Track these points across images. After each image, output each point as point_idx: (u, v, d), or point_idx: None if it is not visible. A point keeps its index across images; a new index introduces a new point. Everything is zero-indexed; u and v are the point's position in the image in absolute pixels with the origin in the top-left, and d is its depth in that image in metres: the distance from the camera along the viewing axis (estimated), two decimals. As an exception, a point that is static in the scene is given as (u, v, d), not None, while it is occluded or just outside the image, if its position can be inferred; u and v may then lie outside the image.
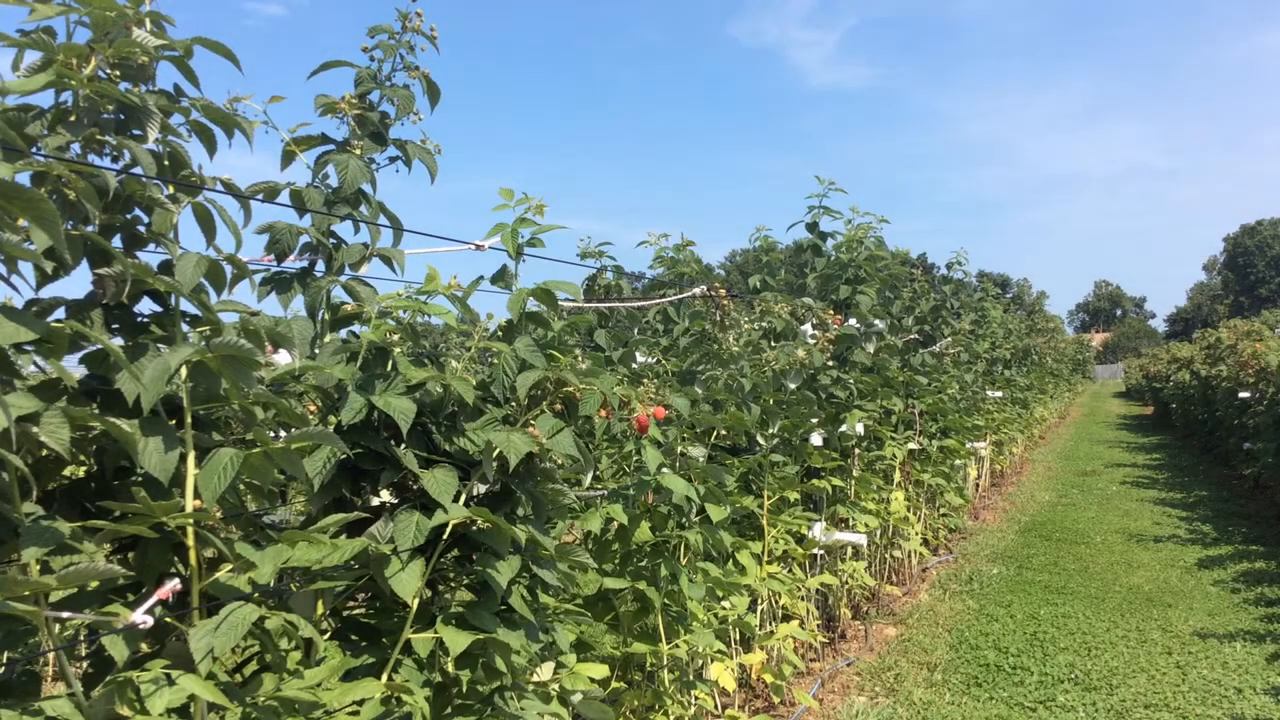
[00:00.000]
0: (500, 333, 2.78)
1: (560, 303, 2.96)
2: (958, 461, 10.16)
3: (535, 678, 2.86)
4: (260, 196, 2.62)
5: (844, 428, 6.18)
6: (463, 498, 2.45)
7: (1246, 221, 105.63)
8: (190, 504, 2.01)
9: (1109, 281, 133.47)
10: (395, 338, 2.49)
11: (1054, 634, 7.17)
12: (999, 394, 13.62)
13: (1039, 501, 13.81)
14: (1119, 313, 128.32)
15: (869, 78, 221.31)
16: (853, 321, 6.59)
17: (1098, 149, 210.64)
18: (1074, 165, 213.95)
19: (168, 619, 2.01)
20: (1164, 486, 15.35)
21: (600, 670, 3.22)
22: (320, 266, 2.71)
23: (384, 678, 2.34)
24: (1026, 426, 18.18)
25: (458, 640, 2.31)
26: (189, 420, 2.03)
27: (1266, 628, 7.21)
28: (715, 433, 4.33)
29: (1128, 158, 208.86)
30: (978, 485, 13.15)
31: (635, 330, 5.43)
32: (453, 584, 2.65)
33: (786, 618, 5.70)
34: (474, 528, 2.42)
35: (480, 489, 2.53)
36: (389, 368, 2.45)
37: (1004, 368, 15.48)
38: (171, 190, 2.18)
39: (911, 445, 8.03)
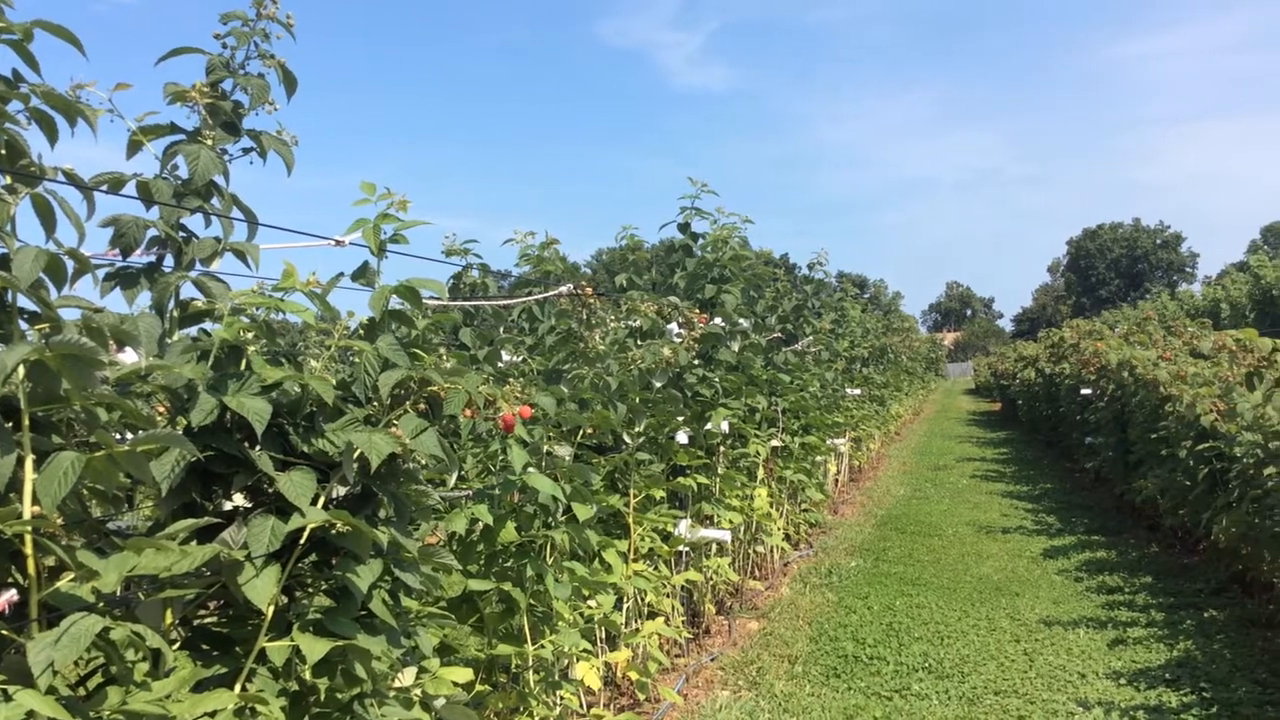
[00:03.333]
0: (362, 331, 2.71)
1: (425, 301, 2.91)
2: (819, 458, 10.38)
3: (397, 683, 2.80)
4: (105, 188, 2.49)
5: (709, 425, 6.25)
6: (321, 500, 2.38)
7: (1089, 225, 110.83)
8: (28, 510, 1.90)
9: (960, 283, 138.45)
10: (250, 335, 2.40)
11: (909, 624, 7.39)
12: (858, 391, 13.97)
13: (895, 496, 14.23)
14: (969, 313, 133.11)
15: (733, 80, 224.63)
16: (718, 320, 6.66)
17: (951, 154, 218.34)
18: (929, 169, 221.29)
19: (4, 631, 1.90)
20: (1011, 480, 15.99)
21: (464, 674, 3.17)
22: (169, 261, 2.60)
23: (237, 688, 2.26)
24: (883, 423, 18.70)
25: (315, 647, 2.24)
26: (26, 422, 1.92)
27: (1107, 614, 7.57)
28: (582, 431, 4.32)
29: (979, 163, 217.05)
30: (837, 481, 13.47)
31: (501, 329, 5.38)
32: (311, 590, 2.57)
33: (652, 615, 5.73)
34: (333, 531, 2.36)
35: (340, 491, 2.46)
36: (243, 367, 2.36)
37: (862, 366, 15.89)
38: (9, 180, 2.06)
39: (775, 442, 8.16)
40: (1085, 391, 13.35)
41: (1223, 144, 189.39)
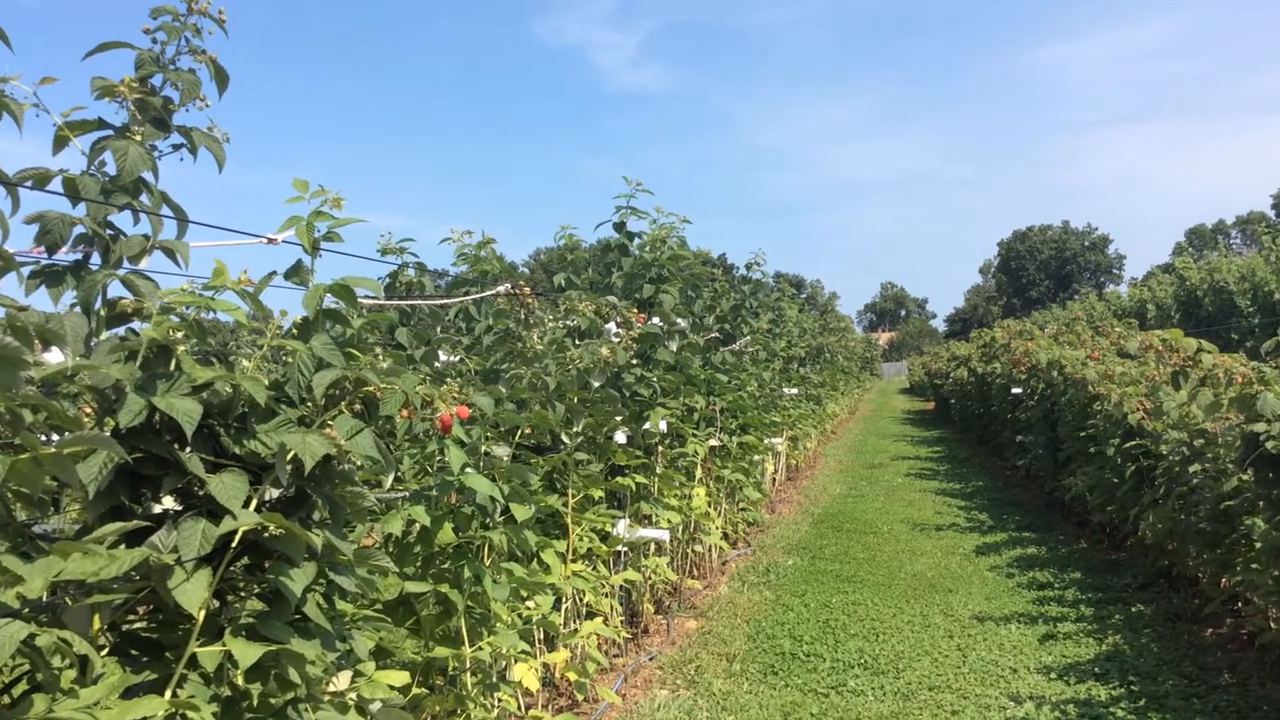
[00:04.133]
0: (296, 330, 2.67)
1: (360, 300, 2.87)
2: (756, 457, 10.45)
3: (332, 687, 2.77)
4: (30, 184, 2.43)
5: (648, 425, 6.26)
6: (254, 503, 2.34)
7: (1019, 227, 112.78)
8: (-54, 516, 1.85)
9: (894, 283, 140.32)
10: (179, 335, 2.36)
11: (845, 621, 7.46)
12: (795, 391, 14.09)
13: (831, 494, 14.37)
14: (904, 313, 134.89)
15: (670, 81, 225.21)
16: (656, 320, 6.67)
17: (886, 156, 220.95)
18: (864, 171, 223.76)
19: (-79, 641, 1.84)
20: (944, 478, 16.23)
21: (400, 677, 3.15)
22: (96, 259, 2.54)
23: (168, 694, 2.21)
24: (820, 422, 18.88)
25: (248, 652, 2.21)
26: (-55, 425, 1.86)
27: (1038, 610, 7.71)
28: (520, 432, 4.30)
29: (913, 165, 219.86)
30: (775, 480, 13.57)
31: (438, 328, 5.34)
32: (243, 594, 2.53)
33: (591, 615, 5.73)
34: (266, 534, 2.32)
35: (273, 493, 2.43)
36: (172, 367, 2.32)
37: (799, 366, 16.04)
38: (-75, 174, 2.00)
39: (713, 442, 8.20)
40: (1016, 391, 13.58)
41: (1148, 148, 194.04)
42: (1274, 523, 5.23)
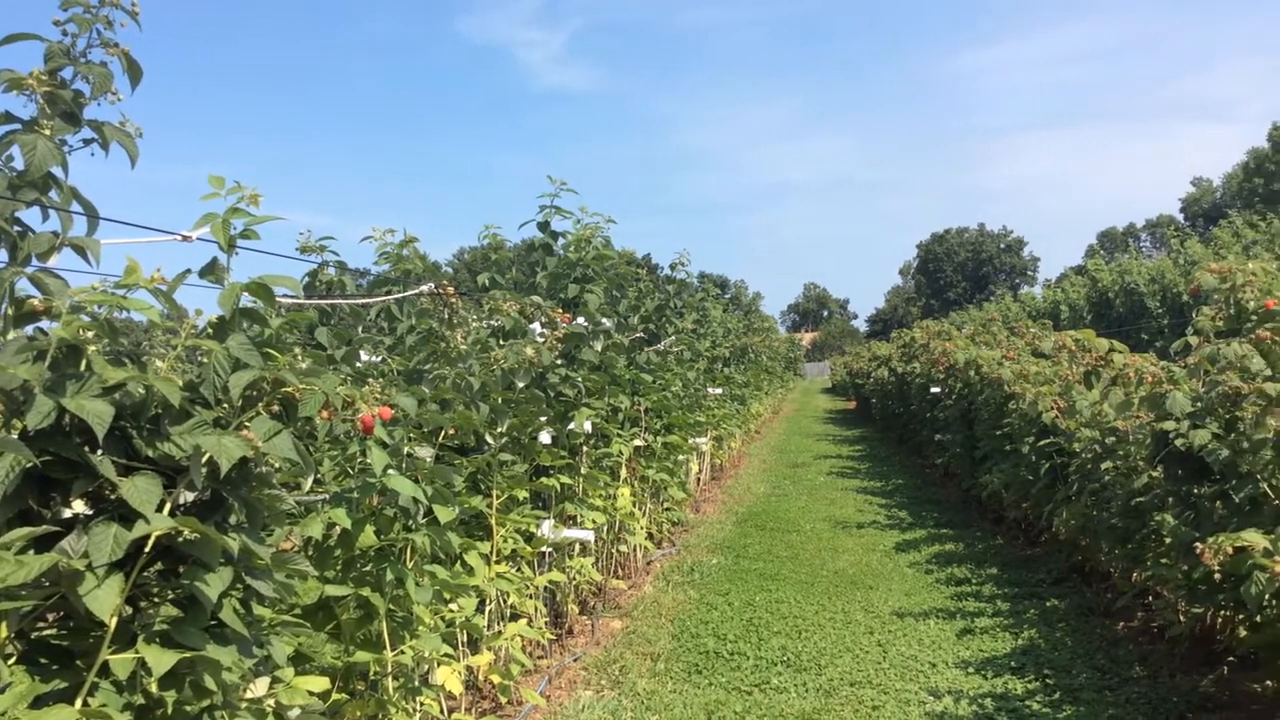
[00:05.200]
0: (211, 330, 2.62)
1: (278, 298, 2.82)
2: (681, 457, 10.50)
3: (249, 694, 2.72)
4: (-71, 177, 2.35)
5: (572, 425, 6.25)
6: (168, 507, 2.29)
7: (937, 230, 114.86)
8: None
9: (817, 284, 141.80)
10: (90, 335, 2.30)
11: (768, 619, 7.53)
12: (719, 391, 14.18)
13: (755, 493, 14.49)
14: (826, 313, 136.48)
15: (596, 80, 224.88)
16: (581, 320, 6.67)
17: (809, 158, 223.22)
18: (788, 173, 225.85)
19: None
20: (866, 476, 16.46)
21: (320, 683, 3.10)
22: (3, 257, 2.47)
23: (79, 703, 2.16)
24: (744, 422, 19.03)
25: (162, 659, 2.16)
26: None
27: (956, 605, 7.85)
28: (444, 432, 4.27)
29: (836, 167, 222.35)
30: (699, 479, 13.64)
31: (360, 328, 5.27)
32: (157, 599, 2.47)
33: (515, 617, 5.70)
34: (181, 538, 2.27)
35: (188, 497, 2.37)
36: (83, 367, 2.26)
37: (724, 366, 16.14)
38: None
39: (637, 442, 8.22)
40: (934, 390, 13.81)
41: (1062, 152, 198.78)
42: (1183, 518, 5.38)
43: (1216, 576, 4.13)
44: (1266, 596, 3.42)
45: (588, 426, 6.47)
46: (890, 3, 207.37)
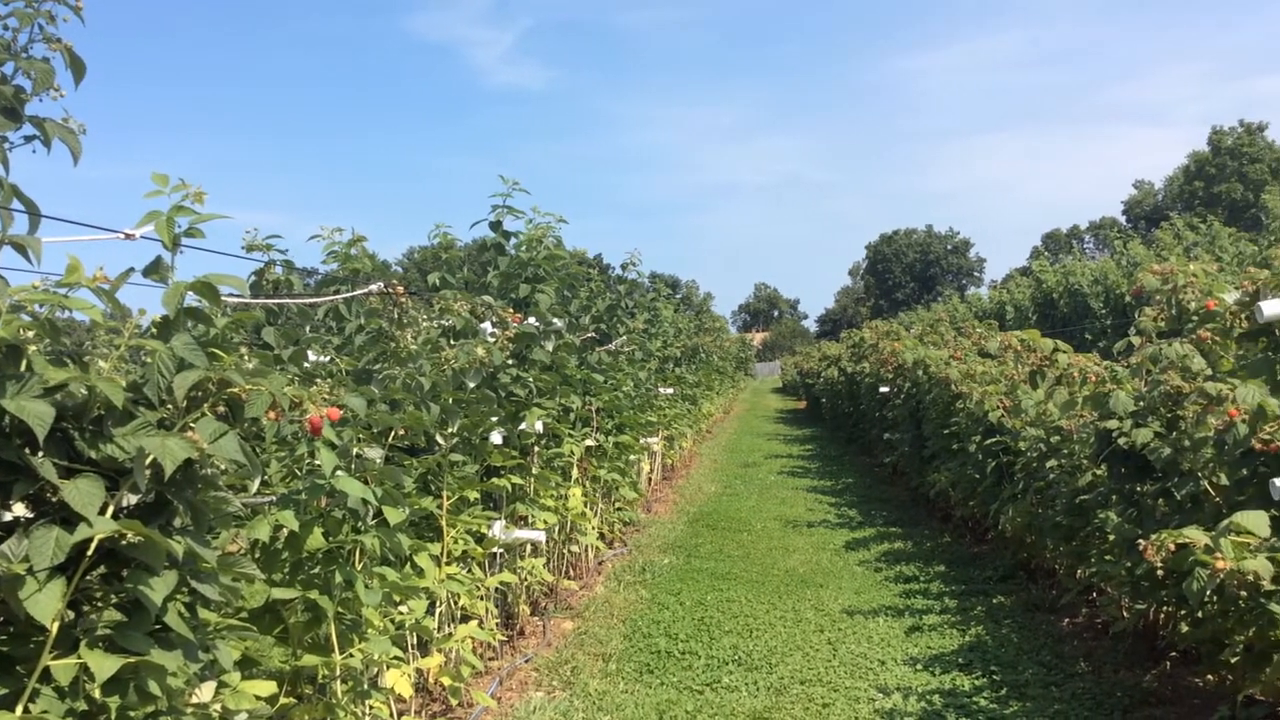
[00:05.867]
0: (155, 330, 2.58)
1: (224, 298, 2.79)
2: (632, 456, 10.51)
3: (195, 699, 2.68)
4: None
5: (524, 425, 6.23)
6: (111, 510, 2.25)
7: (886, 231, 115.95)
8: None
9: (767, 284, 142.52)
10: (31, 334, 2.25)
11: (719, 618, 7.55)
12: (670, 391, 14.21)
13: (706, 493, 14.53)
14: (776, 313, 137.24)
15: (547, 80, 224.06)
16: (532, 320, 6.65)
17: (760, 159, 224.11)
18: (739, 174, 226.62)
19: None
20: (816, 475, 16.58)
21: (267, 687, 3.07)
22: (-61, 254, 2.41)
23: (19, 709, 2.12)
24: (695, 422, 19.09)
25: (105, 665, 2.13)
26: None
27: (905, 603, 7.93)
28: (393, 433, 4.23)
29: (786, 168, 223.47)
30: (650, 479, 13.66)
31: (307, 328, 5.22)
32: (100, 604, 2.43)
33: (466, 618, 5.67)
34: (124, 542, 2.24)
35: (132, 499, 2.34)
36: (23, 367, 2.21)
37: (675, 365, 16.18)
38: None
39: (589, 442, 8.21)
40: (883, 389, 13.94)
41: (1008, 155, 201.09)
42: (1126, 516, 5.48)
43: (1159, 573, 4.22)
44: (1208, 592, 3.48)
45: (539, 426, 6.45)
46: (840, 7, 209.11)
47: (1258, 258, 15.04)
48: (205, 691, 2.73)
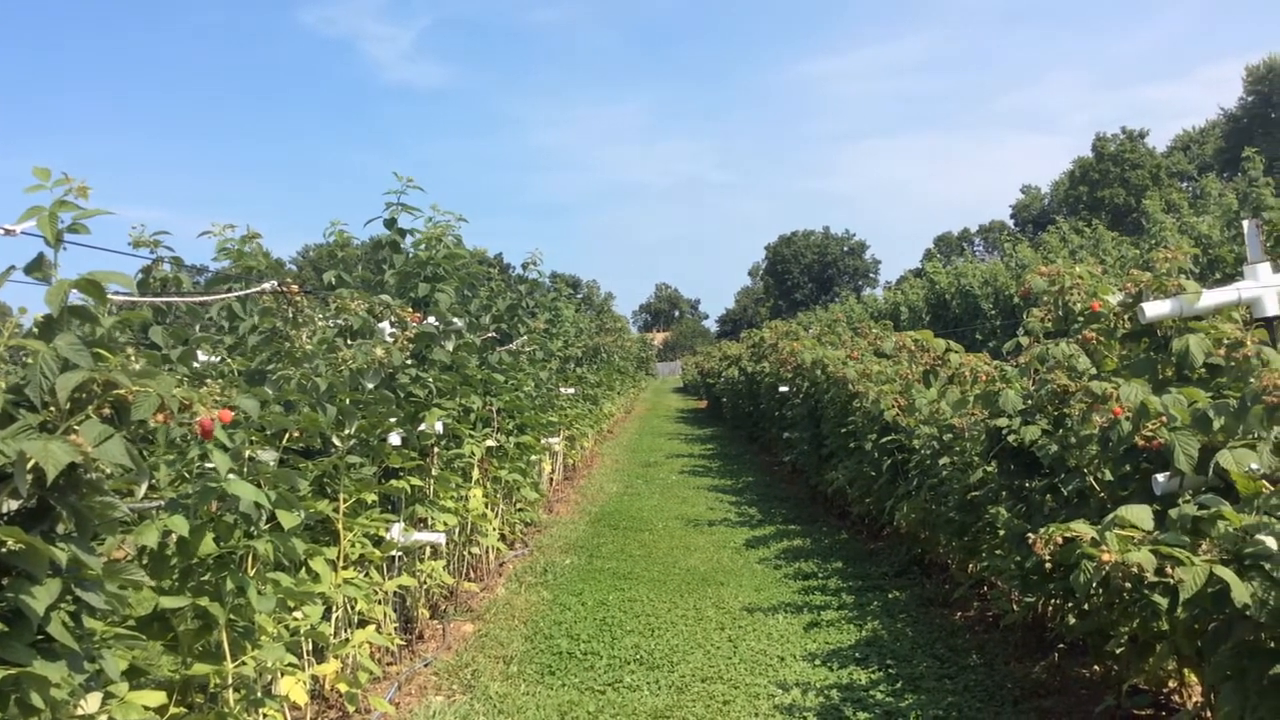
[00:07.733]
0: (37, 329, 2.48)
1: (111, 296, 2.70)
2: (534, 457, 10.46)
3: (80, 711, 2.59)
4: None
5: (423, 426, 6.16)
6: (-11, 516, 2.16)
7: (785, 232, 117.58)
8: None
9: (668, 284, 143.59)
10: (-99, 334, 2.15)
11: (621, 618, 7.57)
12: (572, 391, 14.20)
13: (608, 493, 14.55)
14: (677, 313, 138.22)
15: (446, 77, 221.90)
16: (432, 320, 6.58)
17: (661, 159, 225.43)
18: (641, 174, 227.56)
19: None
20: (717, 474, 16.71)
21: (156, 697, 2.98)
22: None
23: (-114, 730, 2.02)
24: (597, 422, 19.10)
25: (-17, 679, 2.04)
26: None
27: (803, 599, 8.04)
28: (288, 435, 4.15)
29: (687, 169, 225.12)
30: (552, 479, 13.63)
31: (197, 327, 5.08)
32: (-23, 615, 2.33)
33: (363, 623, 5.59)
34: (4, 549, 2.15)
35: (12, 505, 2.25)
36: (-108, 369, 2.11)
37: (576, 365, 16.18)
38: None
39: (490, 442, 8.15)
40: (783, 389, 14.10)
41: (903, 159, 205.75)
42: (1015, 511, 5.63)
43: (1047, 566, 4.33)
44: (1094, 585, 3.59)
45: (439, 427, 6.39)
46: (740, 11, 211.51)
47: (1140, 260, 15.64)
48: (91, 702, 2.64)
